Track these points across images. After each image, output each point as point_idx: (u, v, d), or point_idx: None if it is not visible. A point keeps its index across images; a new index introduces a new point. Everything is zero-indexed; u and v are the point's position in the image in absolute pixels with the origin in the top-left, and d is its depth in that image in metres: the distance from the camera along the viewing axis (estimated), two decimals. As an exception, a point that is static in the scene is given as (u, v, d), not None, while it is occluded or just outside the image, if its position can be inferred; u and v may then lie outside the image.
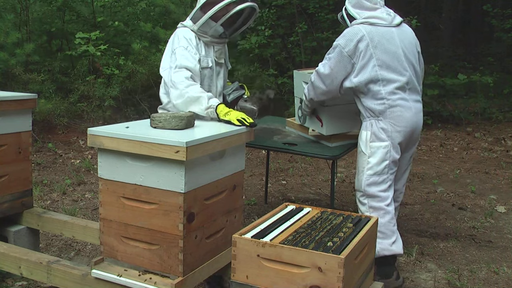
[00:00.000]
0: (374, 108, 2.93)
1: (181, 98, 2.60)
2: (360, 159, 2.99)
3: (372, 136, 2.94)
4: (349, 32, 2.92)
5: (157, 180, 2.06)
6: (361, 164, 2.99)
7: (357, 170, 3.04)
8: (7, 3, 6.92)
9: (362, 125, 3.02)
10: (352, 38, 2.89)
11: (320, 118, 3.25)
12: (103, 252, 2.23)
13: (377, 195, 2.94)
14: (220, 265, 2.35)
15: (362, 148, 2.98)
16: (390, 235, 2.93)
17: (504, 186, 5.10)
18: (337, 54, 2.91)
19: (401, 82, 2.91)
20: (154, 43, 7.20)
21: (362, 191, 2.97)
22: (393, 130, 2.92)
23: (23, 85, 6.27)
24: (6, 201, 2.92)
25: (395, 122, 2.92)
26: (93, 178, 5.05)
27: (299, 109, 3.44)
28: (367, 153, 2.95)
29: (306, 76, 3.32)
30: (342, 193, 4.87)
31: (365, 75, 2.89)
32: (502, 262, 3.41)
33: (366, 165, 2.95)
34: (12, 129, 2.90)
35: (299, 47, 8.43)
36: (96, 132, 2.14)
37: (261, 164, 5.87)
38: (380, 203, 2.94)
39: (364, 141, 2.97)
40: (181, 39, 2.74)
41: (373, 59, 2.87)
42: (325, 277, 1.77)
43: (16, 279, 2.98)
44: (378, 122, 2.94)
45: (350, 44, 2.88)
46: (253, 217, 4.09)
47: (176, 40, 2.76)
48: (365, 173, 2.95)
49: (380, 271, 2.94)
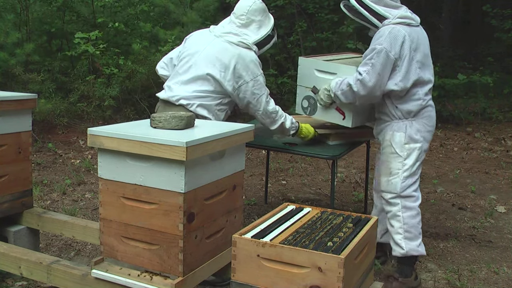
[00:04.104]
0: (410, 109, 2.91)
1: (275, 125, 3.10)
2: (393, 161, 2.96)
3: (407, 138, 2.92)
4: (392, 34, 2.82)
5: (157, 180, 2.06)
6: (394, 166, 2.95)
7: (385, 172, 3.00)
8: (7, 3, 6.91)
9: (391, 126, 2.98)
10: (396, 40, 2.80)
11: (341, 110, 3.13)
12: (103, 252, 2.23)
13: (412, 195, 2.96)
14: (220, 265, 2.35)
15: (396, 150, 2.95)
16: (418, 236, 2.98)
17: (504, 186, 5.11)
18: (383, 58, 2.80)
19: (433, 82, 2.97)
20: (154, 43, 7.20)
21: (397, 193, 2.94)
22: (425, 130, 2.95)
23: (23, 85, 6.27)
24: (6, 201, 2.92)
25: (427, 122, 2.96)
26: (93, 178, 5.05)
27: (304, 99, 3.30)
28: (403, 155, 2.93)
29: (319, 64, 3.19)
30: (342, 193, 4.87)
31: (411, 78, 2.86)
32: (502, 262, 3.41)
33: (402, 167, 2.93)
34: (12, 129, 2.90)
35: (299, 47, 8.43)
36: (96, 132, 2.14)
37: (261, 164, 5.87)
38: (415, 203, 2.97)
39: (399, 143, 2.94)
40: (258, 65, 2.98)
41: (414, 61, 2.86)
42: (325, 277, 1.77)
43: (16, 279, 2.98)
44: (412, 123, 2.93)
45: (396, 46, 2.80)
46: (253, 217, 4.09)
47: (255, 66, 2.95)
48: (400, 176, 2.93)
49: (401, 270, 2.99)
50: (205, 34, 3.08)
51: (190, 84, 2.92)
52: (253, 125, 2.41)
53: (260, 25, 3.02)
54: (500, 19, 8.71)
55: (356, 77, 2.87)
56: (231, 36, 2.95)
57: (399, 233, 2.95)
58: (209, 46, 2.95)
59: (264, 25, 3.04)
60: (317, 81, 3.19)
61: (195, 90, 2.90)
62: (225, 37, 2.95)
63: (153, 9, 7.71)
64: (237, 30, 2.97)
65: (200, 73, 2.90)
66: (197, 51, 2.97)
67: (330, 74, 3.11)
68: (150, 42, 7.19)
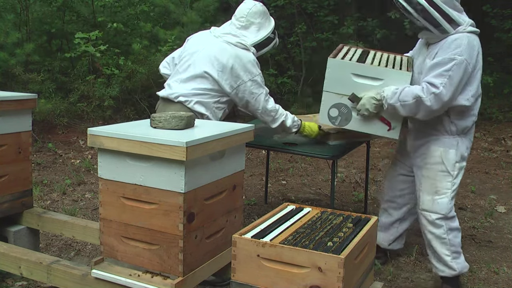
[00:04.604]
0: (467, 125, 2.74)
1: (276, 123, 3.10)
2: (442, 180, 2.77)
3: (458, 155, 2.76)
4: (470, 44, 2.58)
5: (157, 180, 2.06)
6: (443, 185, 2.78)
7: (429, 190, 2.81)
8: (7, 3, 6.91)
9: (441, 142, 2.77)
10: (473, 51, 2.58)
11: (387, 120, 2.80)
12: (103, 252, 2.23)
13: (454, 215, 2.84)
14: (220, 265, 2.35)
15: (448, 168, 2.76)
16: (461, 251, 2.91)
17: (504, 186, 5.11)
18: (462, 71, 2.55)
19: None
20: (154, 43, 7.20)
21: (443, 214, 2.79)
22: (470, 146, 2.83)
23: (23, 85, 6.27)
24: (6, 201, 2.92)
25: (471, 138, 2.83)
26: (93, 178, 5.05)
27: (332, 107, 2.87)
28: (453, 174, 2.76)
29: (358, 68, 2.77)
30: (342, 193, 4.87)
31: (478, 92, 2.69)
32: (502, 262, 3.41)
33: (451, 187, 2.77)
34: (12, 129, 2.90)
35: (299, 47, 8.43)
36: (96, 132, 2.14)
37: (261, 164, 5.87)
38: (456, 222, 2.86)
39: (451, 160, 2.76)
40: (256, 66, 3.00)
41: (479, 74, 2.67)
42: (325, 277, 1.77)
43: (16, 279, 2.98)
44: (463, 139, 2.78)
45: (473, 59, 2.58)
46: (253, 217, 4.09)
47: (252, 66, 2.98)
48: (449, 196, 2.78)
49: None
50: (205, 35, 3.15)
51: (189, 82, 2.98)
52: (253, 125, 2.42)
53: (259, 27, 3.06)
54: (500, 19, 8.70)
55: (430, 89, 2.55)
56: (229, 37, 3.00)
57: (447, 255, 2.84)
58: (208, 46, 3.01)
59: (263, 27, 3.08)
60: (355, 88, 2.78)
61: (193, 88, 2.96)
62: (224, 38, 3.01)
63: (153, 9, 7.72)
64: (236, 32, 3.03)
65: (199, 72, 2.96)
66: (197, 51, 3.03)
67: (373, 79, 2.76)
68: (150, 42, 7.19)
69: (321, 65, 3.33)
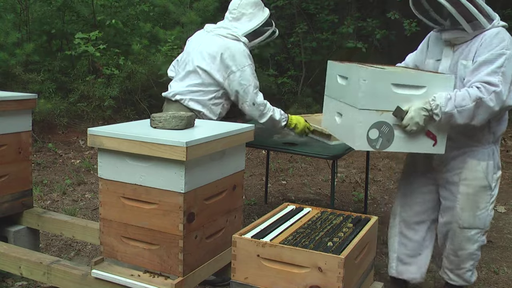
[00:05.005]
0: (502, 131, 2.53)
1: (265, 117, 3.04)
2: (482, 194, 2.55)
3: (496, 165, 2.57)
4: (509, 39, 2.38)
5: (157, 180, 2.06)
6: (484, 199, 2.56)
7: (471, 207, 2.56)
8: (7, 3, 6.91)
9: (480, 154, 2.52)
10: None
11: (433, 134, 2.42)
12: (103, 252, 2.23)
13: None
14: (220, 265, 2.35)
15: (490, 183, 2.56)
16: None
17: (504, 186, 5.10)
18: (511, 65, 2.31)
19: None
20: (154, 43, 7.20)
21: (483, 228, 2.59)
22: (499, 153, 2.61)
23: (23, 85, 6.27)
24: (6, 201, 2.92)
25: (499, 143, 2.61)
26: (93, 178, 5.05)
27: (372, 128, 2.36)
28: (492, 186, 2.57)
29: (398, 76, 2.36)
30: (342, 193, 4.87)
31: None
32: (502, 262, 3.41)
33: (490, 199, 2.58)
34: (12, 129, 2.90)
35: (299, 47, 8.43)
36: (96, 132, 2.14)
37: (261, 164, 5.87)
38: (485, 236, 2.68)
39: (491, 173, 2.55)
40: (247, 56, 3.00)
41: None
42: (325, 277, 1.77)
43: (16, 279, 2.98)
44: (496, 147, 2.56)
45: None
46: (253, 217, 4.09)
47: (243, 56, 2.98)
48: (489, 208, 2.58)
49: None
50: (200, 32, 3.23)
51: (184, 80, 3.06)
52: (253, 125, 2.42)
53: (251, 17, 3.08)
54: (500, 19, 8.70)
55: (489, 89, 2.28)
56: (220, 30, 3.06)
57: (469, 270, 2.66)
58: (201, 42, 3.09)
59: (256, 17, 3.09)
60: (396, 100, 2.36)
61: (188, 85, 3.02)
62: (215, 31, 3.07)
63: (153, 9, 7.72)
64: (227, 24, 3.08)
65: (191, 68, 3.03)
66: (192, 49, 3.11)
67: (415, 88, 2.36)
68: (150, 42, 7.20)
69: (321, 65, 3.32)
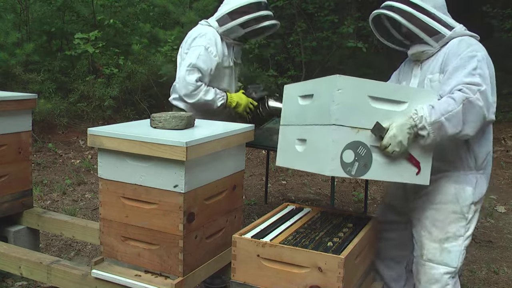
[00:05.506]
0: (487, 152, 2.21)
1: (192, 98, 2.87)
2: (454, 224, 2.19)
3: (476, 195, 2.20)
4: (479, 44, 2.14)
5: (157, 180, 2.06)
6: (454, 230, 2.19)
7: (437, 235, 2.20)
8: (7, 3, 6.91)
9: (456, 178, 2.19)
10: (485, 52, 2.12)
11: (415, 160, 2.03)
12: (103, 252, 2.23)
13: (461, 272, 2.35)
14: (220, 265, 2.35)
15: (463, 210, 2.18)
16: None
17: (504, 186, 5.10)
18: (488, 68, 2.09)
19: None
20: (154, 43, 7.20)
21: (454, 268, 2.19)
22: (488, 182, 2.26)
23: (23, 85, 6.27)
24: (6, 201, 2.92)
25: (489, 174, 2.26)
26: (93, 178, 5.05)
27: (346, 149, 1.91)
28: (468, 218, 2.20)
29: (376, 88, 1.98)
30: (342, 193, 4.87)
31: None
32: (502, 262, 3.41)
33: (464, 233, 2.19)
34: (12, 129, 2.90)
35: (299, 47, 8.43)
36: (96, 132, 2.14)
37: (261, 164, 5.87)
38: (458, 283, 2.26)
39: (467, 201, 2.18)
40: (206, 38, 2.90)
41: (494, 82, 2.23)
42: (325, 277, 1.77)
43: (16, 279, 2.98)
44: (481, 176, 2.22)
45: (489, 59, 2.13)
46: (253, 217, 4.09)
47: (200, 37, 2.91)
48: (462, 245, 2.19)
49: None
50: None
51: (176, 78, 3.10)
52: (253, 125, 2.42)
53: (228, 1, 2.99)
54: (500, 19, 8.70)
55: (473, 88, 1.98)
56: (203, 21, 3.07)
57: None
58: None
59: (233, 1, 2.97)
60: (375, 116, 1.96)
61: (175, 82, 3.04)
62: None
63: (152, 9, 7.72)
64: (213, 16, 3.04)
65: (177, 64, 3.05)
66: None
67: (396, 104, 2.00)
68: (150, 42, 7.19)
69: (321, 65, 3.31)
